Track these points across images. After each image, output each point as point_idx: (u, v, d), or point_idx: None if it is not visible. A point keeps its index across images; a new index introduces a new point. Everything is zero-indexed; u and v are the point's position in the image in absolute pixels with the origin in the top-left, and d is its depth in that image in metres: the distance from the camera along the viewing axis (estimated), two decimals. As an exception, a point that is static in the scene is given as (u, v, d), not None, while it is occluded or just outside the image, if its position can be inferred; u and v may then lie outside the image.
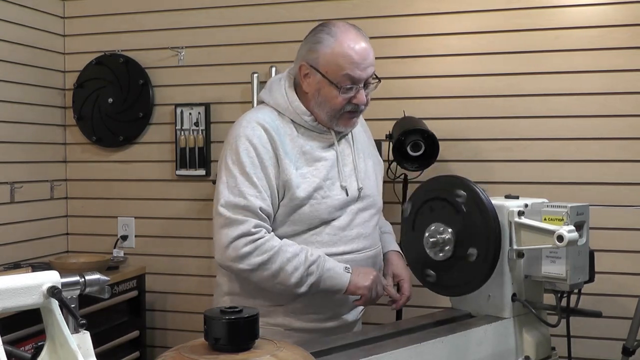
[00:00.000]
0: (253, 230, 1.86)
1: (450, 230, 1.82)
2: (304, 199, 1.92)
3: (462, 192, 1.78)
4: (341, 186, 1.98)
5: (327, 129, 2.01)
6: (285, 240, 1.91)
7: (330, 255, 1.94)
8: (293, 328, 1.97)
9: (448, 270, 1.86)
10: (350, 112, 1.98)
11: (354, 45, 1.91)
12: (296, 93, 2.00)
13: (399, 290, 2.16)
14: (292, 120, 1.98)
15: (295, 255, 1.88)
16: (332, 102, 1.94)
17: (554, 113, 2.78)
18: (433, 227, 1.85)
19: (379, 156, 2.27)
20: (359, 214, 2.02)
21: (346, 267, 1.93)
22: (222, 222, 1.88)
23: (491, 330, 1.79)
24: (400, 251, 2.25)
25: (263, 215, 1.89)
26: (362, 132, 2.16)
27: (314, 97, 1.96)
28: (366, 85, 1.96)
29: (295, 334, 1.92)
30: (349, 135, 2.08)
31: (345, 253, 1.98)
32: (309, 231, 1.95)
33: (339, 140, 2.03)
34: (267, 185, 1.90)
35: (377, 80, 2.00)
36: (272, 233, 1.91)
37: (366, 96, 1.97)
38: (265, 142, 1.91)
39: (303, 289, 1.89)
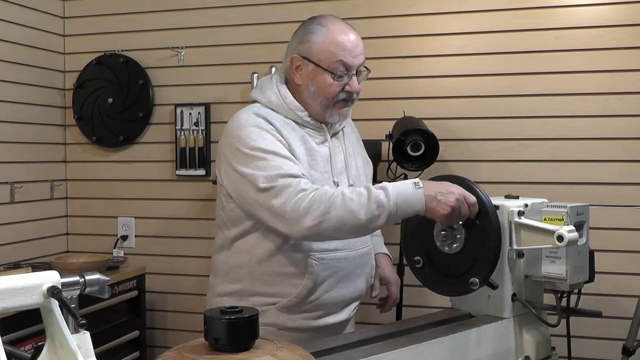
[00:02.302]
0: (303, 186, 1.80)
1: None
2: None
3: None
4: (333, 182, 1.99)
5: (320, 124, 2.02)
6: (340, 187, 1.88)
7: (322, 251, 1.94)
8: (286, 327, 1.97)
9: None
10: (343, 101, 2.00)
11: (344, 35, 1.97)
12: (288, 89, 2.02)
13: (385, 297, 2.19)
14: (285, 117, 1.99)
15: (358, 194, 1.78)
16: (326, 91, 1.96)
17: (554, 113, 2.78)
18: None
19: (368, 157, 2.28)
20: None
21: (415, 184, 1.79)
22: (271, 194, 1.81)
23: (491, 330, 1.79)
24: (389, 254, 2.26)
25: (305, 177, 1.85)
26: (351, 133, 2.19)
27: (307, 88, 1.98)
28: (357, 73, 1.99)
29: (288, 333, 1.92)
30: (340, 133, 2.09)
31: (338, 250, 1.98)
32: None
33: (331, 137, 2.04)
34: (292, 156, 1.89)
35: (368, 70, 2.03)
36: (326, 186, 1.86)
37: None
38: (270, 127, 1.92)
39: (381, 221, 1.78)
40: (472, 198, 1.76)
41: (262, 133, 1.89)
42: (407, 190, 1.77)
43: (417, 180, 1.81)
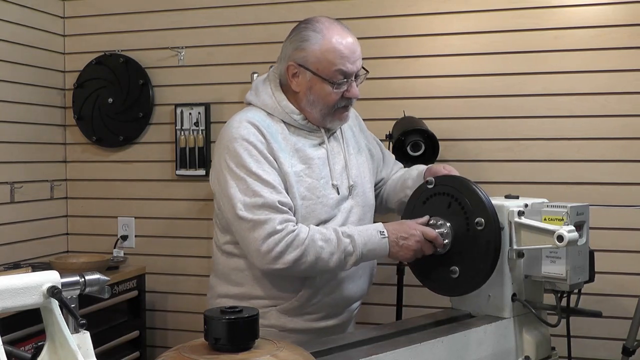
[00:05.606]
0: (279, 227, 1.83)
1: (448, 224, 1.83)
2: (299, 199, 1.91)
3: (481, 220, 1.77)
4: (333, 185, 1.98)
5: (316, 127, 2.01)
6: (312, 227, 1.88)
7: None
8: (287, 329, 1.97)
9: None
10: (343, 107, 1.99)
11: (341, 39, 1.93)
12: (283, 92, 2.00)
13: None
14: (281, 120, 1.98)
15: (327, 241, 1.85)
16: (326, 99, 1.94)
17: (554, 113, 2.78)
18: (440, 222, 1.86)
19: (375, 145, 2.26)
20: (352, 212, 2.02)
21: (380, 232, 1.89)
22: (246, 226, 1.85)
23: (491, 330, 1.80)
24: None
25: (284, 208, 1.86)
26: (349, 128, 2.15)
27: (305, 96, 1.96)
28: (356, 77, 1.97)
29: (289, 335, 1.92)
30: (338, 132, 2.08)
31: None
32: None
33: (328, 138, 2.03)
34: (277, 178, 1.89)
35: (366, 72, 2.00)
36: (300, 225, 1.88)
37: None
38: (260, 139, 1.91)
39: (347, 267, 1.90)
40: (432, 233, 1.85)
41: (249, 149, 1.88)
42: (373, 240, 1.88)
43: (382, 228, 1.89)
